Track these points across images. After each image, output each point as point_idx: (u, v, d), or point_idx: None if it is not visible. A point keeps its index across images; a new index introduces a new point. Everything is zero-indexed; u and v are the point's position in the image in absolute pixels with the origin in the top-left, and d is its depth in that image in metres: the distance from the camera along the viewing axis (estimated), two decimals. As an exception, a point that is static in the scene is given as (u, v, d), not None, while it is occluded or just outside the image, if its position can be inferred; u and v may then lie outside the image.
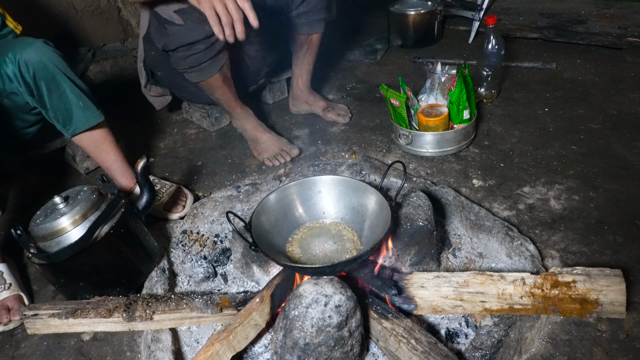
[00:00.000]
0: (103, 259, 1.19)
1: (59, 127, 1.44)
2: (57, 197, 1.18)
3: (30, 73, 1.33)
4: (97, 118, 1.45)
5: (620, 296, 1.06)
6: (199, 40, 1.54)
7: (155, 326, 1.14)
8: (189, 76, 1.67)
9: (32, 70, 1.33)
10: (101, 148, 1.51)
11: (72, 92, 1.39)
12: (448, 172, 1.70)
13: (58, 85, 1.37)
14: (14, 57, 1.32)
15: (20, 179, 1.90)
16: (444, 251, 1.35)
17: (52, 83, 1.36)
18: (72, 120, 1.42)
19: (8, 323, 1.25)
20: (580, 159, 1.69)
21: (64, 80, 1.37)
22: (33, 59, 1.33)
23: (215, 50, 1.60)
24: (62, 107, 1.39)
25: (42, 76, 1.34)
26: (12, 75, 1.34)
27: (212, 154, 1.96)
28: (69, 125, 1.42)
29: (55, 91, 1.37)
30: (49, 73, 1.34)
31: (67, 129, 1.43)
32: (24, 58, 1.32)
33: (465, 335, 1.13)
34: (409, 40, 2.79)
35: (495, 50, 1.99)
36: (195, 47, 1.57)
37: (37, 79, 1.34)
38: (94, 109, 1.45)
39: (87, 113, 1.43)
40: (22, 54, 1.32)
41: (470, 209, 1.42)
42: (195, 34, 1.53)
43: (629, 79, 2.17)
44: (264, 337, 1.16)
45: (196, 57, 1.59)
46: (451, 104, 1.76)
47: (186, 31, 1.52)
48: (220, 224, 1.52)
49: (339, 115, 2.07)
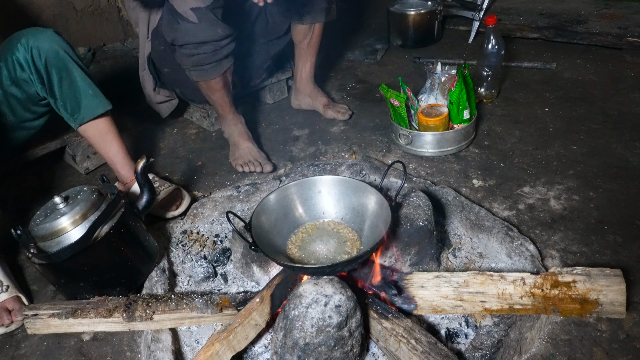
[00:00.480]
0: (103, 259, 1.19)
1: (67, 116, 1.45)
2: (57, 197, 1.18)
3: (42, 60, 1.35)
4: (105, 106, 1.47)
5: (620, 296, 1.06)
6: (208, 41, 1.55)
7: (155, 326, 1.14)
8: (190, 74, 1.68)
9: (44, 57, 1.35)
10: (105, 139, 1.52)
11: (82, 80, 1.41)
12: (448, 172, 1.70)
13: (69, 73, 1.38)
14: (27, 43, 1.33)
15: (20, 179, 1.90)
16: (444, 251, 1.35)
17: (63, 71, 1.37)
18: (81, 109, 1.43)
19: (10, 324, 1.25)
20: (580, 159, 1.69)
21: (75, 68, 1.39)
22: (45, 46, 1.34)
23: (222, 54, 1.61)
24: (71, 96, 1.41)
25: (53, 63, 1.36)
26: (24, 62, 1.36)
27: (212, 154, 1.96)
28: (77, 114, 1.44)
29: (66, 79, 1.39)
30: (61, 61, 1.36)
31: (74, 118, 1.45)
32: (36, 45, 1.33)
33: (465, 335, 1.13)
34: (409, 40, 2.79)
35: (495, 50, 1.99)
36: (204, 47, 1.57)
37: (49, 66, 1.36)
38: (102, 97, 1.47)
39: (96, 101, 1.44)
40: (35, 41, 1.33)
41: (470, 209, 1.42)
42: (207, 34, 1.54)
43: (629, 79, 2.17)
44: (264, 337, 1.16)
45: (202, 57, 1.60)
46: (451, 104, 1.76)
47: (198, 30, 1.52)
48: (220, 224, 1.52)
49: (338, 112, 2.08)
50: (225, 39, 1.58)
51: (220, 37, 1.55)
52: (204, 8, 1.49)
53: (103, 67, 2.48)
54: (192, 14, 1.51)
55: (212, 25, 1.52)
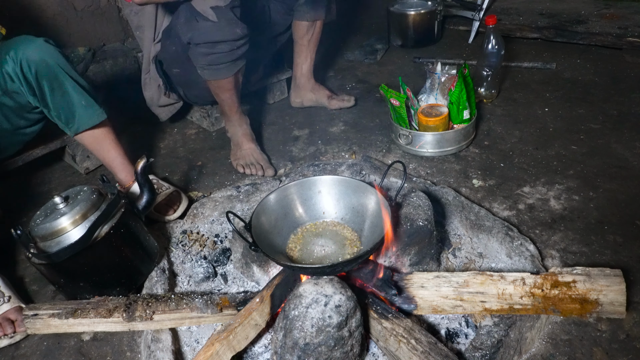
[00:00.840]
0: (103, 259, 1.19)
1: (61, 125, 1.43)
2: (57, 197, 1.17)
3: (32, 72, 1.32)
4: (99, 116, 1.45)
5: (620, 296, 1.06)
6: (226, 40, 1.54)
7: (155, 326, 1.14)
8: (202, 73, 1.67)
9: (34, 69, 1.31)
10: (103, 145, 1.51)
11: (74, 91, 1.38)
12: (448, 172, 1.70)
13: (61, 84, 1.35)
14: (15, 55, 1.30)
15: (21, 179, 1.90)
16: (444, 251, 1.35)
17: (54, 82, 1.34)
18: (75, 119, 1.41)
19: (14, 335, 1.24)
20: (580, 159, 1.69)
21: (67, 79, 1.36)
22: (35, 57, 1.31)
23: (237, 54, 1.61)
24: (64, 106, 1.38)
25: (44, 75, 1.32)
26: (14, 74, 1.33)
27: (212, 154, 1.96)
28: (71, 123, 1.42)
29: (57, 90, 1.36)
30: (52, 72, 1.33)
31: (69, 128, 1.43)
32: (25, 57, 1.30)
33: (465, 335, 1.13)
34: (409, 40, 2.79)
35: (495, 50, 1.99)
36: (220, 47, 1.57)
37: (39, 78, 1.33)
38: (97, 107, 1.44)
39: (89, 111, 1.42)
40: (24, 53, 1.30)
41: (470, 209, 1.42)
42: (225, 34, 1.53)
43: (629, 79, 2.17)
44: (264, 337, 1.16)
45: (217, 56, 1.59)
46: (451, 104, 1.76)
47: (216, 29, 1.52)
48: (220, 224, 1.52)
49: (343, 100, 2.11)
50: (242, 39, 1.58)
51: (238, 36, 1.54)
52: (224, 7, 1.48)
53: (103, 67, 2.47)
54: (212, 13, 1.49)
55: (231, 25, 1.51)
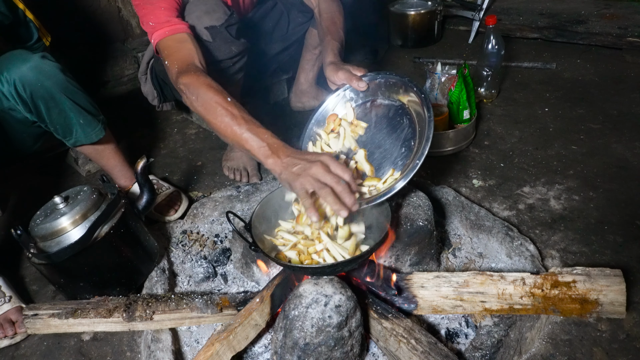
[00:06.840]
0: (103, 259, 1.19)
1: (60, 138, 1.42)
2: (57, 197, 1.18)
3: (27, 92, 1.28)
4: (97, 134, 1.43)
5: (620, 296, 1.06)
6: (223, 59, 1.52)
7: (155, 326, 1.14)
8: None
9: (29, 90, 1.28)
10: (102, 154, 1.52)
11: (72, 111, 1.35)
12: (448, 172, 1.70)
13: (57, 104, 1.32)
14: (9, 76, 1.26)
15: (21, 179, 1.90)
16: (444, 251, 1.35)
17: (50, 101, 1.31)
18: (73, 135, 1.40)
19: (14, 336, 1.24)
20: (580, 159, 1.69)
21: (64, 99, 1.32)
22: (29, 78, 1.26)
23: (234, 69, 1.58)
24: (62, 122, 1.37)
25: (39, 95, 1.29)
26: (9, 95, 1.29)
27: (212, 154, 1.96)
28: (69, 137, 1.41)
29: (54, 108, 1.33)
30: (47, 92, 1.29)
31: (67, 140, 1.42)
32: (19, 77, 1.26)
33: (465, 335, 1.13)
34: (409, 40, 2.79)
35: (495, 50, 1.99)
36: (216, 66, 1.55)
37: (35, 97, 1.29)
38: (95, 125, 1.42)
39: (87, 130, 1.40)
40: (17, 74, 1.26)
41: (470, 209, 1.42)
42: (221, 54, 1.50)
43: (629, 79, 2.17)
44: (264, 337, 1.16)
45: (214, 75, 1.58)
46: (451, 104, 1.76)
47: (212, 49, 1.48)
48: (220, 224, 1.52)
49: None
50: (238, 55, 1.55)
51: (234, 54, 1.51)
52: (218, 27, 1.45)
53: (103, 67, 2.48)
54: (207, 33, 1.45)
55: (227, 44, 1.48)
